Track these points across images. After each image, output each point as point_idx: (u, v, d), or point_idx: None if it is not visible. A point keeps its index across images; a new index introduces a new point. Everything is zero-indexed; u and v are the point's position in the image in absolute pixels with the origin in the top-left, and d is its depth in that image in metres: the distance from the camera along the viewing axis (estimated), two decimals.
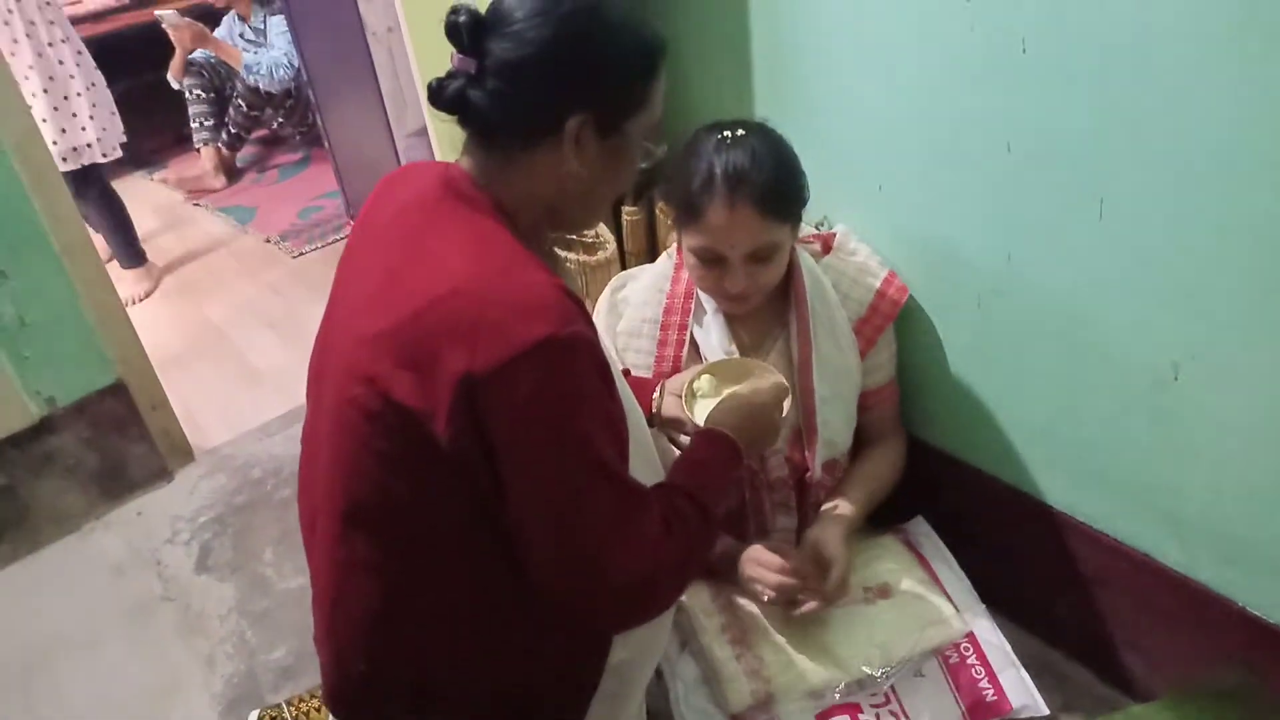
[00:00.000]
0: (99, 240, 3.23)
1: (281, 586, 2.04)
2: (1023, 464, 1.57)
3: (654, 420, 1.43)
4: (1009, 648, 1.49)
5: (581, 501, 0.98)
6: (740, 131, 1.38)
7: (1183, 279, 1.23)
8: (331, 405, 1.07)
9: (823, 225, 1.67)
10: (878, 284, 1.55)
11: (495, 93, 1.02)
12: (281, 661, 1.87)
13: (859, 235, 1.61)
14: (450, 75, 1.05)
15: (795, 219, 1.41)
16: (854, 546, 1.53)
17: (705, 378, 1.40)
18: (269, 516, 2.23)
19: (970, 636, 1.49)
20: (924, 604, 1.51)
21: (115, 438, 2.30)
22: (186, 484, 2.38)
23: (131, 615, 2.04)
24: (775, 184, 1.35)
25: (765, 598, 1.42)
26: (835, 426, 1.53)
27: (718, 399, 1.36)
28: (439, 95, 1.05)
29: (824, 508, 1.54)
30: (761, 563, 1.42)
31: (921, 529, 1.67)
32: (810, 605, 1.42)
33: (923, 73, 1.41)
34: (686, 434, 1.39)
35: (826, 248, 1.59)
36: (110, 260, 3.35)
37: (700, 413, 1.33)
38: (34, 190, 2.05)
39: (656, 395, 1.44)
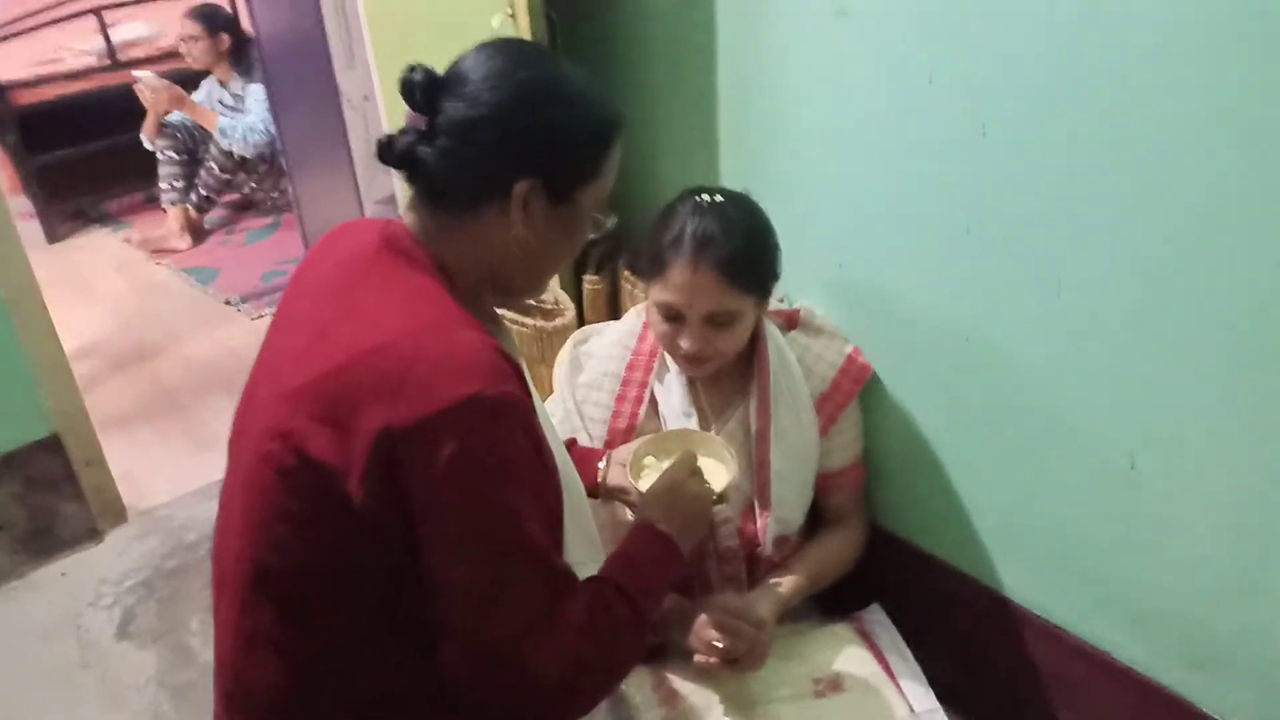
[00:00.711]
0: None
1: (205, 657, 1.93)
2: (983, 554, 1.53)
3: (599, 490, 1.38)
4: None
5: (501, 583, 0.92)
6: (719, 198, 1.38)
7: (1140, 364, 1.21)
8: (247, 463, 1.02)
9: (784, 302, 1.65)
10: (841, 360, 1.53)
11: (444, 150, 0.99)
12: None
13: (821, 312, 1.59)
14: (401, 131, 1.02)
15: (761, 292, 1.40)
16: (798, 629, 1.47)
17: (652, 447, 1.36)
18: (199, 583, 2.13)
19: None
20: (877, 700, 1.44)
21: (46, 494, 2.20)
22: (116, 545, 2.27)
23: (48, 682, 1.92)
24: (743, 253, 1.34)
25: (702, 660, 1.35)
26: (789, 503, 1.49)
27: (662, 470, 1.32)
28: (389, 150, 1.02)
29: (765, 582, 1.48)
30: (709, 627, 1.35)
31: (877, 618, 1.60)
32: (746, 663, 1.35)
33: (884, 154, 1.42)
34: (631, 503, 1.34)
35: (791, 323, 1.57)
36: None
37: (646, 483, 1.28)
38: None
39: (603, 464, 1.40)
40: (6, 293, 2.05)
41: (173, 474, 2.54)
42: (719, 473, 1.31)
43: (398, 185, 2.26)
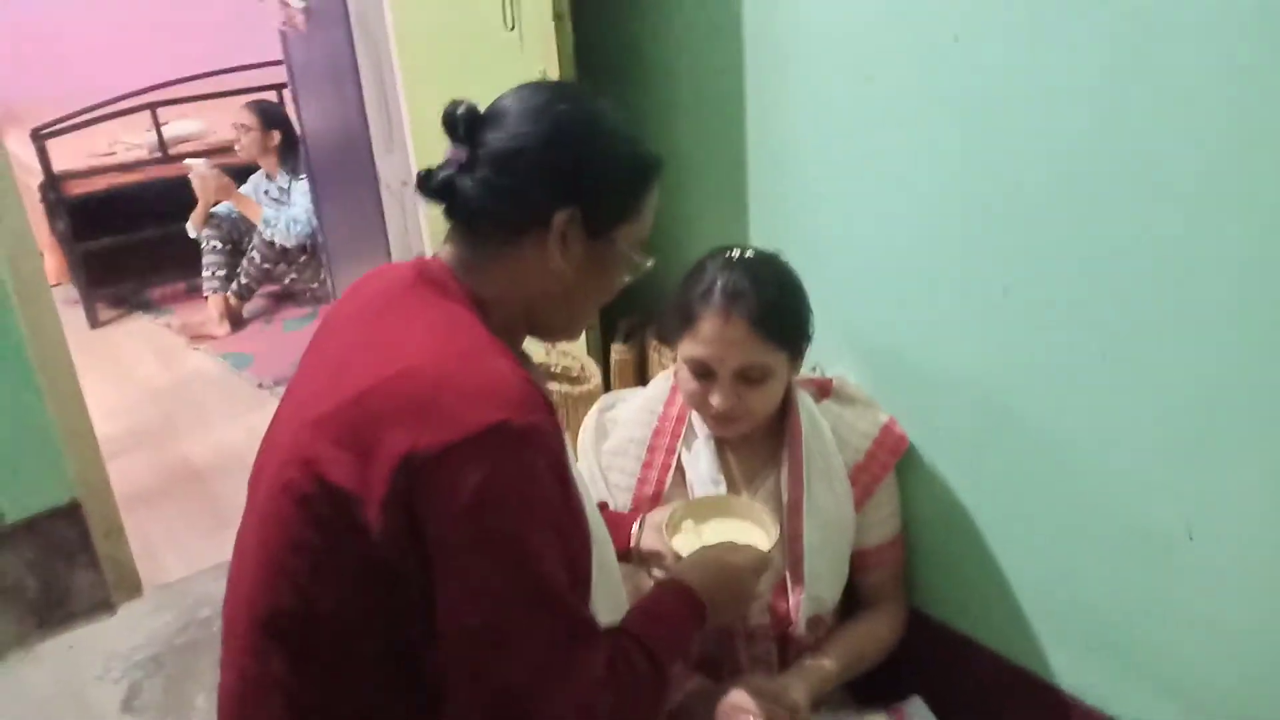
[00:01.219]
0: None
1: None
2: (1030, 638, 1.44)
3: (631, 555, 1.33)
4: None
5: (514, 624, 0.87)
6: (750, 253, 1.37)
7: (1193, 427, 1.15)
8: (264, 496, 0.98)
9: (816, 371, 1.61)
10: (877, 430, 1.48)
11: (484, 181, 0.99)
12: None
13: (855, 381, 1.55)
14: (442, 165, 1.03)
15: (793, 349, 1.37)
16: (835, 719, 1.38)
17: (690, 511, 1.31)
18: (209, 659, 2.06)
19: None
20: None
21: (61, 562, 2.17)
22: (129, 619, 2.22)
23: None
24: (775, 306, 1.32)
25: None
26: (824, 579, 1.41)
27: (701, 535, 1.26)
28: (427, 181, 1.02)
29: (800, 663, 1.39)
30: (740, 707, 1.27)
31: (918, 710, 1.50)
32: None
33: (920, 216, 1.40)
34: (665, 569, 1.28)
35: (825, 392, 1.53)
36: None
37: (682, 546, 1.23)
38: (20, 302, 2.03)
39: (636, 528, 1.34)
40: (36, 356, 2.07)
41: (192, 550, 2.50)
42: (760, 540, 1.26)
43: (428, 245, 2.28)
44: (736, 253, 1.36)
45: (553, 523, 0.91)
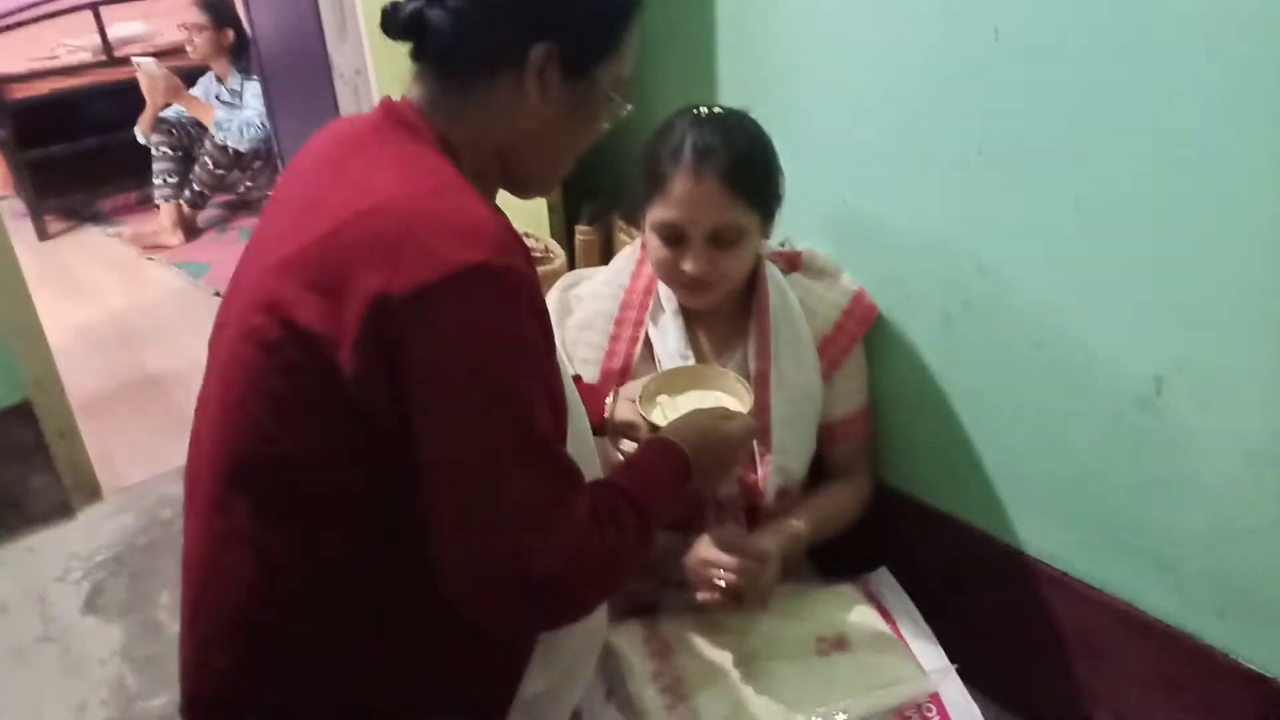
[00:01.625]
0: None
1: (173, 630, 1.82)
2: (996, 507, 1.44)
3: (605, 427, 1.30)
4: (977, 711, 1.32)
5: (499, 467, 0.83)
6: (718, 109, 1.32)
7: (1166, 281, 1.13)
8: (226, 346, 0.93)
9: (785, 245, 1.57)
10: (846, 301, 1.45)
11: (456, 11, 0.92)
12: (161, 710, 1.66)
13: (825, 253, 1.51)
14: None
15: (765, 209, 1.32)
16: (801, 590, 1.39)
17: (664, 383, 1.29)
18: (172, 558, 2.03)
19: (934, 698, 1.31)
20: (885, 659, 1.34)
21: (15, 465, 2.11)
22: (89, 522, 2.18)
23: (5, 657, 1.82)
24: (747, 162, 1.28)
25: (704, 597, 1.26)
26: (792, 450, 1.40)
27: (676, 405, 1.24)
28: (393, 18, 0.94)
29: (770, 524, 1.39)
30: (710, 561, 1.26)
31: (885, 580, 1.51)
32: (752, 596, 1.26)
33: (890, 71, 1.35)
34: (639, 441, 1.26)
35: (792, 265, 1.49)
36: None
37: (659, 417, 1.21)
38: None
39: (610, 400, 1.31)
40: None
41: (151, 455, 2.45)
42: (733, 407, 1.23)
43: None
44: (705, 110, 1.31)
45: (536, 367, 0.87)
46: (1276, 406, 1.08)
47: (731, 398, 1.27)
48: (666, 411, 1.23)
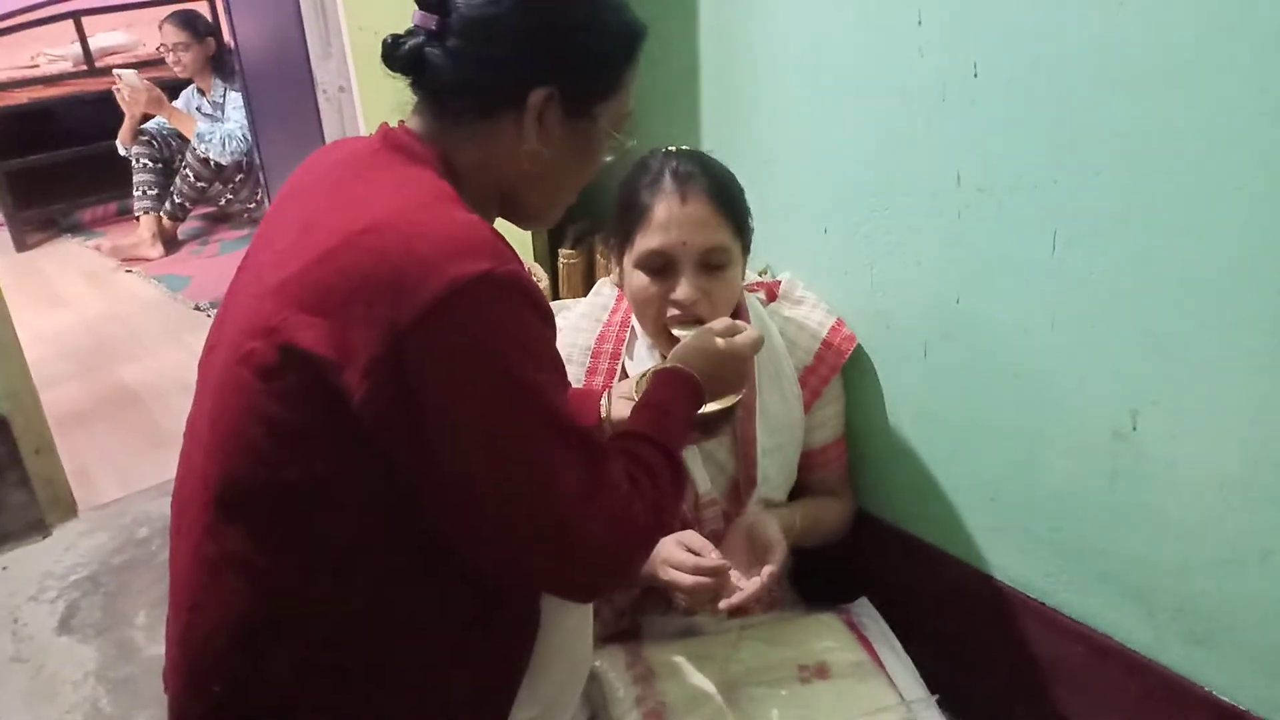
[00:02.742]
0: None
1: (150, 652, 1.81)
2: (973, 536, 1.45)
3: (604, 427, 1.30)
4: None
5: (547, 464, 0.85)
6: (685, 147, 1.34)
7: (1142, 315, 1.15)
8: (220, 371, 0.93)
9: (765, 274, 1.59)
10: (825, 332, 1.46)
11: (456, 52, 0.93)
12: None
13: (804, 282, 1.53)
14: (409, 32, 0.95)
15: (745, 237, 1.33)
16: (784, 617, 1.40)
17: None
18: (149, 578, 2.02)
19: None
20: (865, 688, 1.35)
21: None
22: (64, 540, 2.15)
23: None
24: (726, 187, 1.30)
25: (681, 604, 1.27)
26: (774, 481, 1.41)
27: None
28: (393, 52, 0.95)
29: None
30: (674, 563, 1.24)
31: (866, 611, 1.52)
32: (738, 598, 1.23)
33: (870, 105, 1.37)
34: None
35: (771, 295, 1.50)
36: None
37: None
38: None
39: (605, 401, 1.32)
40: None
41: (128, 472, 2.43)
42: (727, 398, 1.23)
43: None
44: (672, 148, 1.33)
45: (550, 362, 0.90)
46: (1248, 440, 1.10)
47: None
48: None
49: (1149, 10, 1.04)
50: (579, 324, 1.47)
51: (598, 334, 1.45)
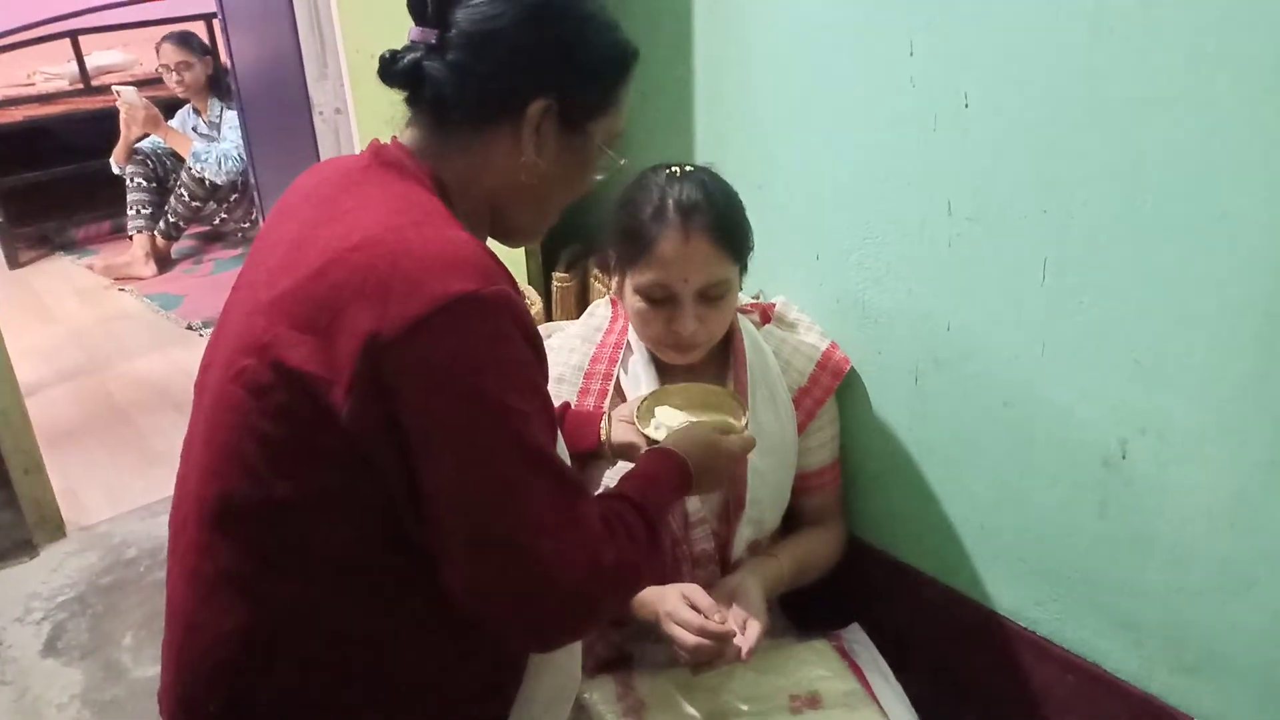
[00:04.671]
0: None
1: (137, 674, 1.80)
2: (963, 562, 1.45)
3: (603, 450, 1.31)
4: None
5: (511, 485, 0.84)
6: (689, 167, 1.33)
7: (1132, 343, 1.15)
8: (214, 390, 0.93)
9: (760, 297, 1.59)
10: (819, 354, 1.47)
11: (455, 65, 0.93)
12: None
13: (798, 306, 1.53)
14: (407, 47, 0.96)
15: (743, 263, 1.34)
16: (775, 644, 1.38)
17: (656, 400, 1.30)
18: (136, 599, 2.00)
19: None
20: (857, 717, 1.35)
21: None
22: (51, 560, 2.14)
23: None
24: (728, 217, 1.29)
25: (681, 659, 1.26)
26: (766, 503, 1.40)
27: (672, 421, 1.25)
28: (391, 66, 0.96)
29: (750, 560, 1.39)
30: (680, 621, 1.25)
31: (857, 637, 1.51)
32: (722, 664, 1.26)
33: (862, 133, 1.38)
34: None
35: (766, 317, 1.51)
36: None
37: (657, 431, 1.21)
38: None
39: (605, 423, 1.32)
40: None
41: (118, 491, 2.43)
42: (731, 422, 1.24)
43: None
44: (677, 168, 1.32)
45: (532, 387, 0.88)
46: (1237, 468, 1.10)
47: (728, 415, 1.27)
48: (664, 427, 1.24)
49: (1136, 41, 1.06)
50: (572, 344, 1.47)
51: (591, 355, 1.45)
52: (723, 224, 1.27)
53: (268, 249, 1.00)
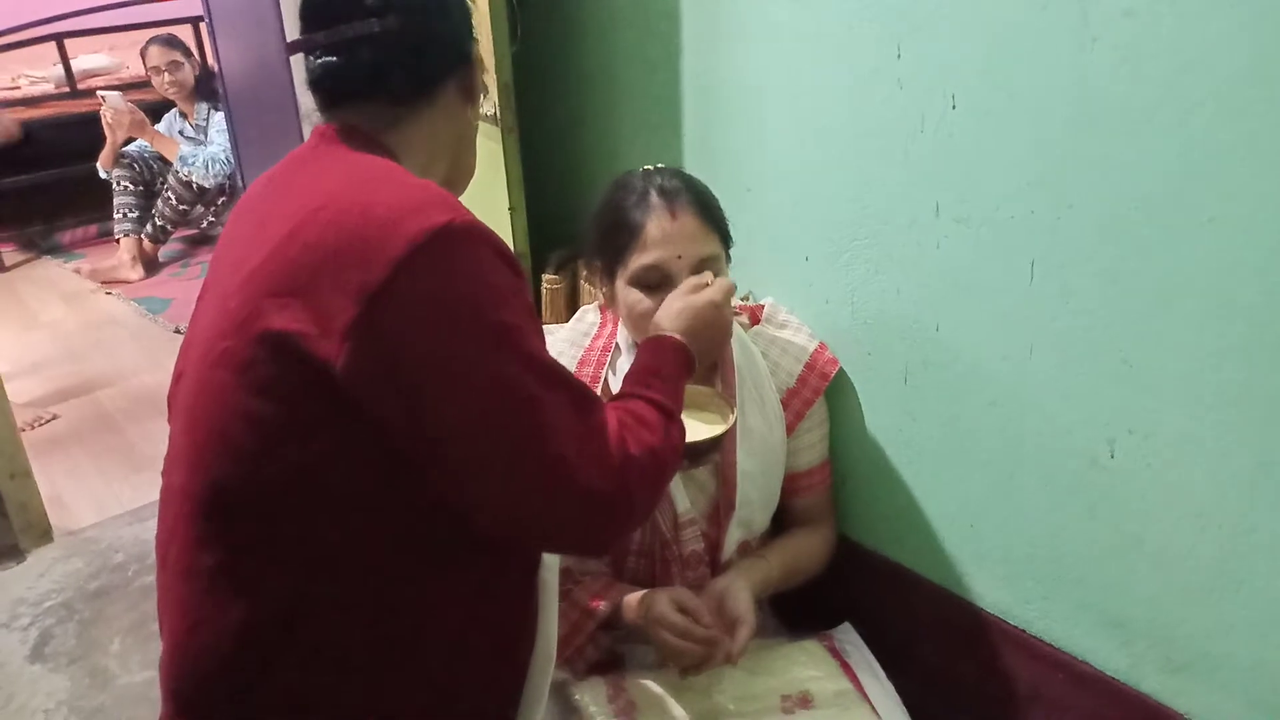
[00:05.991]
0: None
1: (124, 681, 1.79)
2: (955, 564, 1.45)
3: None
4: None
5: (536, 404, 0.85)
6: (662, 165, 1.36)
7: (1119, 345, 1.16)
8: (193, 385, 0.92)
9: (749, 299, 1.59)
10: (807, 355, 1.47)
11: (407, 44, 0.98)
12: None
13: (787, 308, 1.54)
14: (347, 48, 0.98)
15: (728, 245, 1.35)
16: (767, 645, 1.39)
17: None
18: (124, 604, 1.99)
19: None
20: (849, 717, 1.35)
21: None
22: (38, 565, 2.13)
23: None
24: (709, 197, 1.32)
25: (668, 661, 1.27)
26: (754, 505, 1.41)
27: None
28: (349, 72, 0.98)
29: (739, 562, 1.39)
30: (667, 625, 1.25)
31: (849, 637, 1.51)
32: (709, 667, 1.27)
33: (851, 135, 1.38)
34: None
35: (755, 319, 1.51)
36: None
37: None
38: None
39: None
40: None
41: (105, 497, 2.41)
42: (716, 422, 1.23)
43: None
44: (649, 166, 1.35)
45: (523, 305, 0.90)
46: (1223, 469, 1.11)
47: (716, 415, 1.26)
48: None
49: (1122, 46, 1.06)
50: (560, 349, 1.47)
51: (579, 359, 1.45)
52: (705, 202, 1.31)
53: (229, 246, 1.01)
